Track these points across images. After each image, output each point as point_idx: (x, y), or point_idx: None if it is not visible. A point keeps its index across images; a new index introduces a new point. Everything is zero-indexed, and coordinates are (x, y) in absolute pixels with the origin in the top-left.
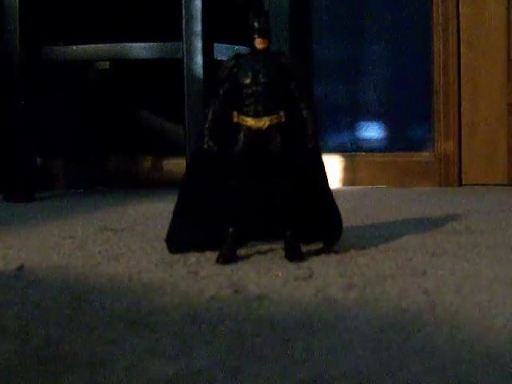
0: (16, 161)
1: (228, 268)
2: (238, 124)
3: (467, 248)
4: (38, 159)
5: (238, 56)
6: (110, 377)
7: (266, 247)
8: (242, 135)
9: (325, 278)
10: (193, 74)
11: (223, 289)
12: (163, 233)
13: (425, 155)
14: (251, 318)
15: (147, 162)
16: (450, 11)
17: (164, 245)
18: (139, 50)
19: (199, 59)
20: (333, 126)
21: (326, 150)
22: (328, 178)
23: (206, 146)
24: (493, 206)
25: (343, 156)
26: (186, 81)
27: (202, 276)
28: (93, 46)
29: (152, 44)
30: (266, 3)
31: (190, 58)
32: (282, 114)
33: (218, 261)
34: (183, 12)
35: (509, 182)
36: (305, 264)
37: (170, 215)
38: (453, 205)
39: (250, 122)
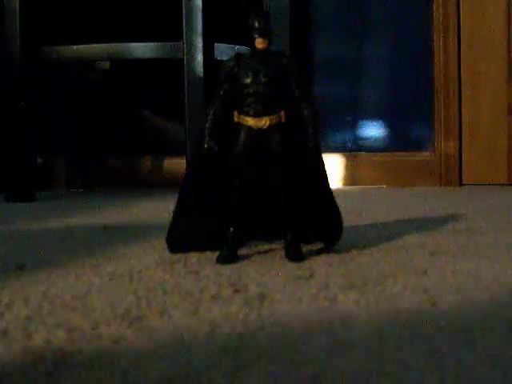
0: (17, 161)
1: (228, 268)
2: (238, 124)
3: (467, 248)
4: (39, 159)
5: (238, 56)
6: (110, 377)
7: (266, 247)
8: (242, 135)
9: (325, 278)
10: (193, 73)
11: (223, 288)
12: (163, 233)
13: (425, 155)
14: (251, 317)
15: (147, 162)
16: (450, 11)
17: (164, 244)
18: (139, 49)
19: (199, 59)
20: (333, 126)
21: (326, 150)
22: (328, 177)
23: (206, 146)
24: (493, 205)
25: (343, 156)
26: (186, 81)
27: (203, 276)
28: (93, 45)
29: (152, 44)
30: (265, 3)
31: (191, 58)
32: (282, 113)
33: (218, 260)
34: (183, 12)
35: (509, 182)
36: (305, 264)
37: (171, 215)
38: (453, 204)
39: (251, 121)
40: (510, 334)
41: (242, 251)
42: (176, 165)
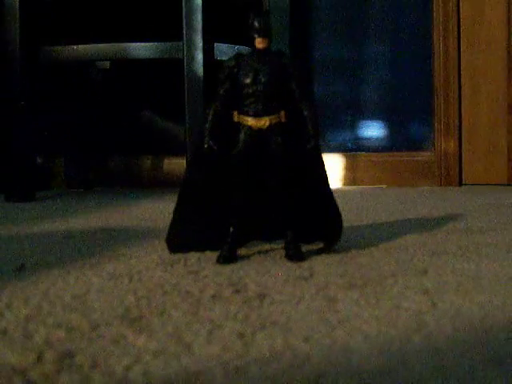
0: (16, 160)
1: (228, 268)
2: (238, 124)
3: (467, 248)
4: (38, 159)
5: (238, 56)
6: (110, 377)
7: (266, 247)
8: (242, 135)
9: (325, 278)
10: (193, 73)
11: (224, 288)
12: (163, 233)
13: (425, 155)
14: (252, 317)
15: (147, 162)
16: (451, 11)
17: (164, 244)
18: (139, 49)
19: (199, 59)
20: (333, 126)
21: (326, 150)
22: (328, 177)
23: (206, 146)
24: (493, 205)
25: (344, 156)
26: (186, 80)
27: (203, 276)
28: (93, 45)
29: (152, 44)
30: (265, 3)
31: (191, 58)
32: (282, 113)
33: (218, 261)
34: (183, 11)
35: (508, 182)
36: (305, 264)
37: (170, 215)
38: (453, 204)
39: (251, 121)
40: (510, 333)
41: (242, 251)
42: (176, 165)
